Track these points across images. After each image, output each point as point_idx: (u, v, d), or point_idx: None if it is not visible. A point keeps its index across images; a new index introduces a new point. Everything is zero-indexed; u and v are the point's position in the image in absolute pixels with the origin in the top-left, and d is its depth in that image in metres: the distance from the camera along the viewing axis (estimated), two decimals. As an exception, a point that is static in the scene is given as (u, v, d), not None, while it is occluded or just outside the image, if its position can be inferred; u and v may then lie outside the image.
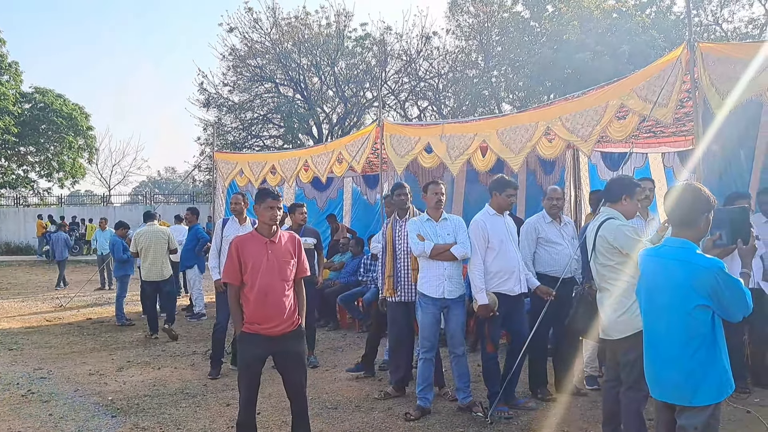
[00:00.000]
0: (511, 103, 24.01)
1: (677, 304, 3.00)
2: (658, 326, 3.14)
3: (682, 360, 3.00)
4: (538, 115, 7.98)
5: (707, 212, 3.11)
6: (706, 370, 2.97)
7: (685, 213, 3.13)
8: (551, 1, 22.40)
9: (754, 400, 5.68)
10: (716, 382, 2.99)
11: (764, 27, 21.86)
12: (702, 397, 2.98)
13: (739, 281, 2.97)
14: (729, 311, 2.96)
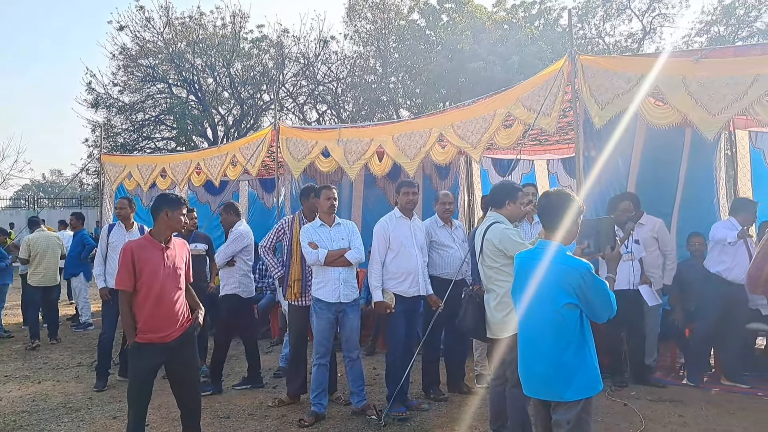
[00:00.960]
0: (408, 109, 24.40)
1: (548, 302, 3.16)
2: (531, 325, 3.28)
3: (554, 357, 3.15)
4: (432, 122, 8.17)
5: (577, 216, 3.30)
6: (576, 366, 3.13)
7: (556, 217, 3.30)
8: (446, 11, 22.98)
9: (631, 393, 6.06)
10: (586, 378, 3.15)
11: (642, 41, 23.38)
12: (573, 393, 3.14)
13: (605, 283, 3.17)
14: (595, 311, 3.14)
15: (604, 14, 24.04)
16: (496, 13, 22.74)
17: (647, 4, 23.36)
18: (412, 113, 22.91)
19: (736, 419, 5.30)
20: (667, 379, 6.44)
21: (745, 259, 6.27)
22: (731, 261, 6.28)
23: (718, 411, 5.51)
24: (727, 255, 6.32)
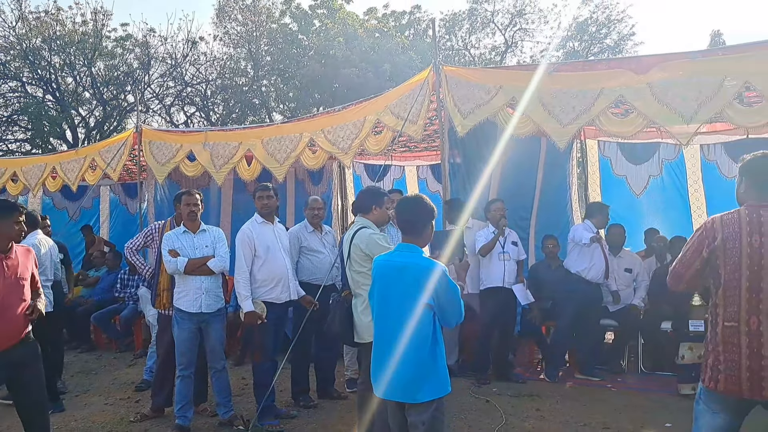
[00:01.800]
0: (281, 113, 24.15)
1: (405, 304, 3.22)
2: (388, 327, 3.33)
3: (412, 358, 3.21)
4: (302, 127, 8.14)
5: (431, 220, 3.43)
6: (429, 367, 3.21)
7: (412, 221, 3.42)
8: (318, 16, 23.01)
9: (493, 389, 6.31)
10: (438, 379, 3.24)
11: (504, 54, 24.58)
12: (426, 394, 3.21)
13: (457, 288, 3.30)
14: (445, 314, 3.25)
15: (470, 27, 25.05)
16: (367, 21, 23.06)
17: (509, 18, 24.60)
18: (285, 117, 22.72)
19: (589, 411, 5.66)
20: (527, 375, 6.77)
21: (601, 260, 6.74)
22: (589, 262, 6.72)
23: (572, 404, 5.87)
24: (585, 256, 6.75)
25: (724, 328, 2.88)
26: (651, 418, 5.44)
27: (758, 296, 2.79)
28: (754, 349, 2.78)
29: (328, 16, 22.66)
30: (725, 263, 2.86)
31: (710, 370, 2.96)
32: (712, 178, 8.89)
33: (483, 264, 6.66)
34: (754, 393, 2.81)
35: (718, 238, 2.88)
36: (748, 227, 2.84)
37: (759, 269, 2.79)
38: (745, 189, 3.03)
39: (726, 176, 8.71)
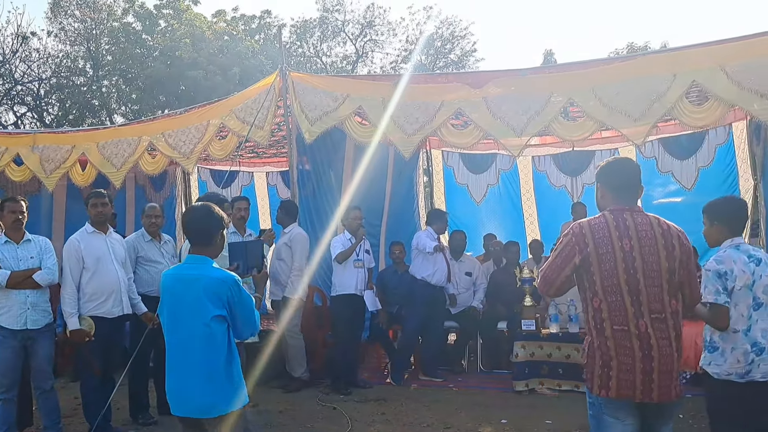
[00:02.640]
0: (124, 115, 22.87)
1: (197, 316, 3.05)
2: (179, 342, 3.14)
3: (205, 372, 3.05)
4: (141, 130, 7.77)
5: (221, 230, 3.26)
6: (224, 381, 3.08)
7: (200, 231, 3.24)
8: (163, 16, 22.09)
9: (339, 396, 6.33)
10: (234, 391, 3.12)
11: (356, 63, 24.98)
12: (222, 407, 3.08)
13: (251, 298, 3.20)
14: (238, 326, 3.14)
15: (321, 35, 25.20)
16: (216, 24, 22.47)
17: (360, 29, 25.04)
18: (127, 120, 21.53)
19: (431, 411, 5.85)
20: (373, 380, 6.87)
21: (444, 265, 6.97)
22: (433, 267, 6.92)
23: (416, 405, 6.03)
24: (429, 262, 6.94)
25: (614, 332, 2.83)
26: (489, 414, 5.70)
27: (639, 299, 2.81)
28: (646, 351, 2.79)
29: (175, 17, 21.81)
30: (600, 269, 2.85)
31: (598, 378, 2.87)
32: (543, 186, 9.56)
33: (337, 271, 6.64)
34: (645, 395, 2.81)
35: (590, 244, 2.87)
36: (616, 231, 2.86)
37: (635, 272, 2.81)
38: (602, 195, 3.07)
39: (554, 185, 9.41)
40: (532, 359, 6.25)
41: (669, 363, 2.81)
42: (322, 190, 8.15)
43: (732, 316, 3.38)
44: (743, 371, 3.35)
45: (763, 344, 3.38)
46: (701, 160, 8.56)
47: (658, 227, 2.91)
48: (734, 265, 3.40)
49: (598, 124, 5.94)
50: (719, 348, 3.43)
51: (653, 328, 2.81)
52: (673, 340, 2.84)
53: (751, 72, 5.36)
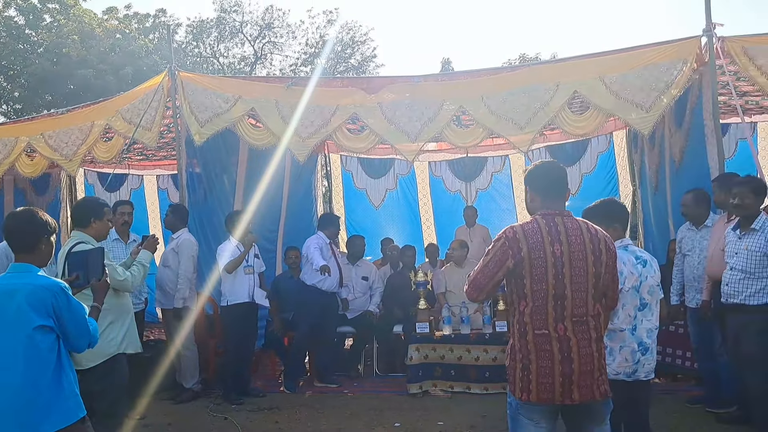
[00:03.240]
0: (5, 114, 21.47)
1: (18, 327, 2.85)
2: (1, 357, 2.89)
3: (27, 387, 2.84)
4: (19, 130, 7.32)
5: (46, 236, 3.09)
6: (54, 395, 2.89)
7: (23, 238, 3.06)
8: (49, 11, 20.91)
9: (232, 406, 6.14)
10: (66, 405, 2.93)
11: (254, 65, 24.62)
12: (52, 423, 2.86)
13: (82, 306, 3.04)
14: (69, 336, 2.96)
15: (219, 35, 24.67)
16: (107, 21, 21.51)
17: (258, 30, 24.69)
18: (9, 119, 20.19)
19: (325, 418, 5.78)
20: (266, 388, 6.73)
21: (336, 271, 6.91)
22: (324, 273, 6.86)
23: (310, 412, 5.95)
24: None
25: (535, 336, 2.85)
26: (382, 418, 5.71)
27: (563, 303, 2.83)
28: (565, 354, 2.81)
29: (61, 12, 20.70)
30: (531, 273, 2.85)
31: (520, 381, 2.89)
32: (439, 191, 9.76)
33: (227, 280, 6.37)
34: (565, 397, 2.83)
35: (524, 248, 2.86)
36: (548, 236, 2.87)
37: (562, 277, 2.83)
38: (532, 199, 3.07)
39: (450, 190, 9.62)
40: (425, 362, 6.32)
41: (589, 363, 2.85)
42: (215, 195, 7.91)
43: (619, 316, 3.49)
44: (630, 370, 3.48)
45: (648, 344, 3.52)
46: (585, 167, 9.01)
47: (587, 232, 2.95)
48: (624, 266, 3.47)
49: (488, 131, 6.10)
50: (608, 347, 3.48)
51: (574, 331, 2.85)
52: (593, 341, 2.88)
53: (628, 83, 5.67)
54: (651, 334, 3.58)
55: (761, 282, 4.26)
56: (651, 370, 3.65)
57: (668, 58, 5.56)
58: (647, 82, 5.58)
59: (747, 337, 4.35)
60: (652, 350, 3.62)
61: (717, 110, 5.61)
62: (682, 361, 6.28)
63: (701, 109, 5.75)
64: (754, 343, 4.29)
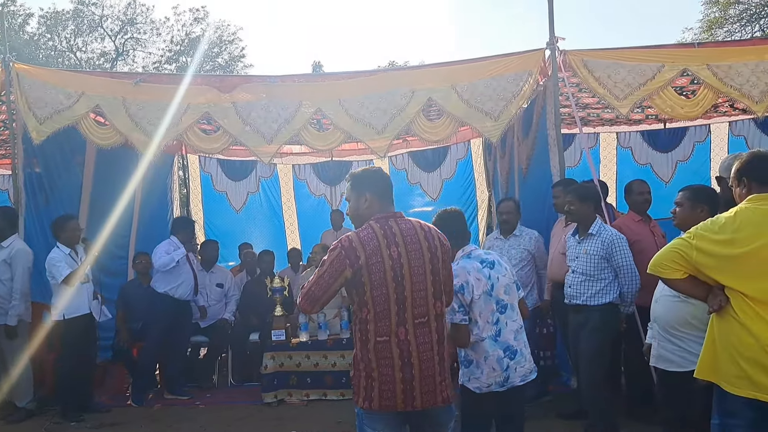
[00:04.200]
0: None
1: None
2: None
3: None
4: None
5: None
6: None
7: None
8: None
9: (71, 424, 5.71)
10: None
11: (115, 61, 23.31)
12: None
13: None
14: None
15: (76, 29, 23.15)
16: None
17: (120, 26, 23.45)
18: None
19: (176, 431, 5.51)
20: (111, 402, 6.32)
21: (190, 277, 6.60)
22: (177, 280, 6.52)
23: (158, 426, 5.64)
24: (172, 275, 6.51)
25: (376, 344, 2.81)
26: (235, 430, 5.52)
27: (404, 306, 2.80)
28: (405, 359, 2.78)
29: None
30: (371, 280, 2.80)
31: (363, 390, 2.86)
32: (303, 195, 9.67)
33: (62, 292, 5.81)
34: (407, 404, 2.79)
35: (362, 257, 2.80)
36: (384, 240, 2.83)
37: (402, 280, 2.81)
38: (369, 204, 2.98)
39: (314, 194, 9.56)
40: (281, 370, 6.17)
41: (430, 367, 2.83)
42: (57, 198, 7.30)
43: (479, 326, 3.41)
44: (501, 379, 3.38)
45: (516, 347, 3.43)
46: (445, 173, 9.26)
47: (420, 230, 2.95)
48: (469, 276, 3.42)
49: (345, 134, 6.07)
50: (473, 360, 3.43)
51: (415, 334, 2.82)
52: (435, 344, 2.87)
53: (478, 92, 5.85)
54: (518, 336, 3.50)
55: (601, 283, 4.48)
56: (527, 373, 3.52)
57: (515, 69, 5.79)
58: (496, 91, 5.79)
59: (585, 335, 4.58)
60: (521, 352, 3.49)
61: (559, 121, 5.91)
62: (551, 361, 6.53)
63: (546, 119, 6.04)
64: (590, 340, 4.52)
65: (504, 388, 3.41)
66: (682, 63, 5.65)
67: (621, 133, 9.09)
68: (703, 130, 8.90)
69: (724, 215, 2.80)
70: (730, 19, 19.98)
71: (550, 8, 5.80)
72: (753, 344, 2.63)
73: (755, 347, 2.62)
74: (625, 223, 5.17)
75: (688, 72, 5.76)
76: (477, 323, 3.44)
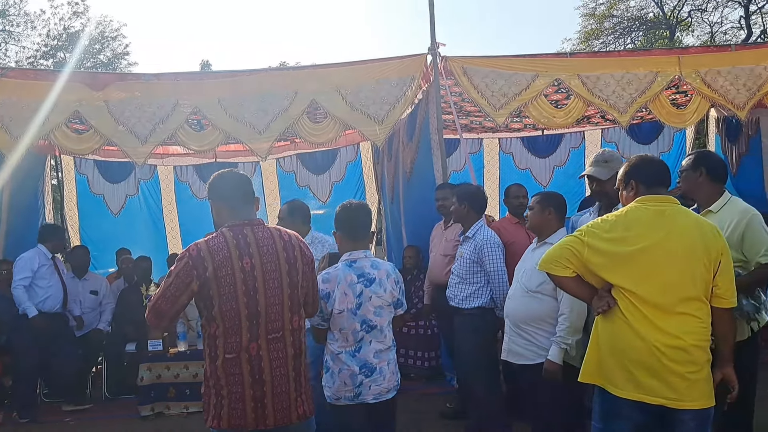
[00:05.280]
0: None
1: None
2: None
3: None
4: None
5: None
6: None
7: None
8: None
9: None
10: None
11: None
12: None
13: None
14: None
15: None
16: None
17: (-15, 18, 21.81)
18: None
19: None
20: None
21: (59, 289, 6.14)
22: (45, 292, 6.05)
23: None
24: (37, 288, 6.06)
25: (225, 361, 2.66)
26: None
27: (257, 321, 2.66)
28: (256, 375, 2.65)
29: None
30: (219, 293, 2.64)
31: (213, 408, 2.71)
32: (185, 197, 9.29)
33: None
34: (259, 423, 2.67)
35: (209, 268, 2.63)
36: (237, 250, 2.67)
37: (255, 293, 2.66)
38: (218, 211, 2.86)
39: (197, 196, 9.20)
40: (158, 381, 5.88)
41: (284, 384, 2.72)
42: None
43: (337, 339, 3.24)
44: (352, 395, 3.22)
45: (375, 365, 3.24)
46: (335, 176, 9.20)
47: (280, 240, 2.80)
48: (337, 288, 3.20)
49: (225, 135, 5.88)
50: (330, 369, 3.29)
51: (268, 349, 2.69)
52: (290, 359, 2.75)
53: (362, 95, 5.84)
54: (382, 355, 3.27)
55: (472, 287, 4.56)
56: (383, 392, 3.28)
57: (398, 73, 5.83)
58: (380, 95, 5.80)
59: (460, 337, 4.67)
60: (380, 371, 3.26)
61: (441, 125, 6.00)
62: (414, 361, 6.62)
63: (429, 123, 6.11)
64: (466, 342, 4.60)
65: (354, 402, 3.23)
66: (554, 72, 5.89)
67: (503, 139, 9.38)
68: (578, 137, 9.35)
69: (614, 214, 2.85)
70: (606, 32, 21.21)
71: (431, 14, 5.88)
72: (641, 346, 2.64)
73: (643, 349, 2.63)
74: (502, 225, 5.33)
75: (560, 81, 6.01)
76: (335, 336, 3.26)
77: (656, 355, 2.61)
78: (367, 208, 3.52)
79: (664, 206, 2.78)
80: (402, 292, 3.44)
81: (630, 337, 2.67)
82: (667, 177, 2.92)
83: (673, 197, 2.85)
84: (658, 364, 2.61)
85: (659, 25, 21.32)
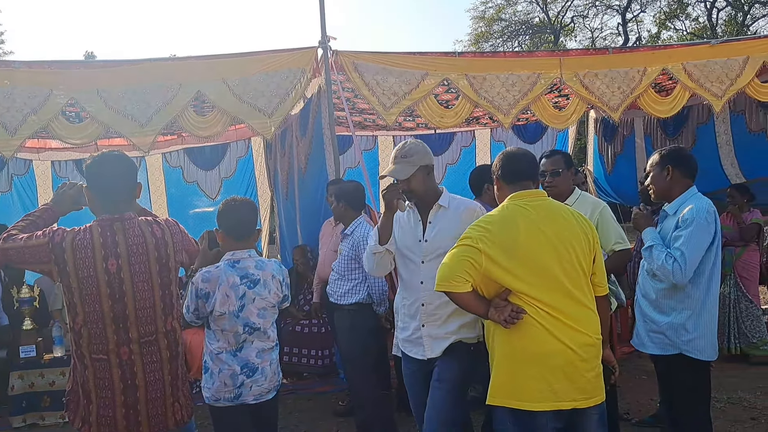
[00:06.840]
0: None
1: None
2: None
3: None
4: None
5: None
6: None
7: None
8: None
9: None
10: None
11: None
12: None
13: None
14: None
15: None
16: None
17: None
18: None
19: None
20: None
21: None
22: None
23: None
24: None
25: (93, 362, 2.53)
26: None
27: (126, 325, 2.54)
28: (128, 381, 2.53)
29: None
30: (81, 293, 2.51)
31: (82, 410, 2.56)
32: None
33: None
34: (131, 430, 2.55)
35: (69, 263, 2.49)
36: (102, 250, 2.52)
37: (122, 297, 2.53)
38: (90, 200, 2.67)
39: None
40: (31, 390, 5.48)
41: (159, 389, 2.61)
42: None
43: (218, 339, 3.09)
44: (233, 396, 3.08)
45: (257, 365, 3.12)
46: (224, 172, 8.94)
47: (151, 237, 2.65)
48: (217, 290, 3.02)
49: (104, 127, 5.56)
50: (209, 369, 3.11)
51: (141, 353, 2.57)
52: (165, 362, 2.64)
53: (250, 87, 5.66)
54: (264, 355, 3.16)
55: (350, 283, 4.52)
56: (263, 393, 3.17)
57: (288, 66, 5.71)
58: (269, 87, 5.65)
59: (341, 334, 4.66)
60: (262, 371, 3.15)
61: (333, 121, 5.94)
62: (307, 360, 6.54)
63: (321, 119, 6.05)
64: (347, 339, 4.58)
65: (234, 403, 3.10)
66: (444, 71, 5.97)
67: (396, 136, 9.45)
68: (469, 136, 9.58)
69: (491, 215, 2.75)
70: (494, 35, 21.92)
71: (321, 7, 5.82)
72: (561, 349, 2.55)
73: (564, 352, 2.55)
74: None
75: (449, 81, 6.11)
76: (216, 336, 3.11)
77: (572, 357, 2.56)
78: (252, 204, 3.35)
79: (537, 201, 2.74)
80: (287, 286, 3.34)
81: (550, 341, 2.55)
82: (534, 170, 2.90)
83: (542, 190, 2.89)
84: (571, 366, 2.56)
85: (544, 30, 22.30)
